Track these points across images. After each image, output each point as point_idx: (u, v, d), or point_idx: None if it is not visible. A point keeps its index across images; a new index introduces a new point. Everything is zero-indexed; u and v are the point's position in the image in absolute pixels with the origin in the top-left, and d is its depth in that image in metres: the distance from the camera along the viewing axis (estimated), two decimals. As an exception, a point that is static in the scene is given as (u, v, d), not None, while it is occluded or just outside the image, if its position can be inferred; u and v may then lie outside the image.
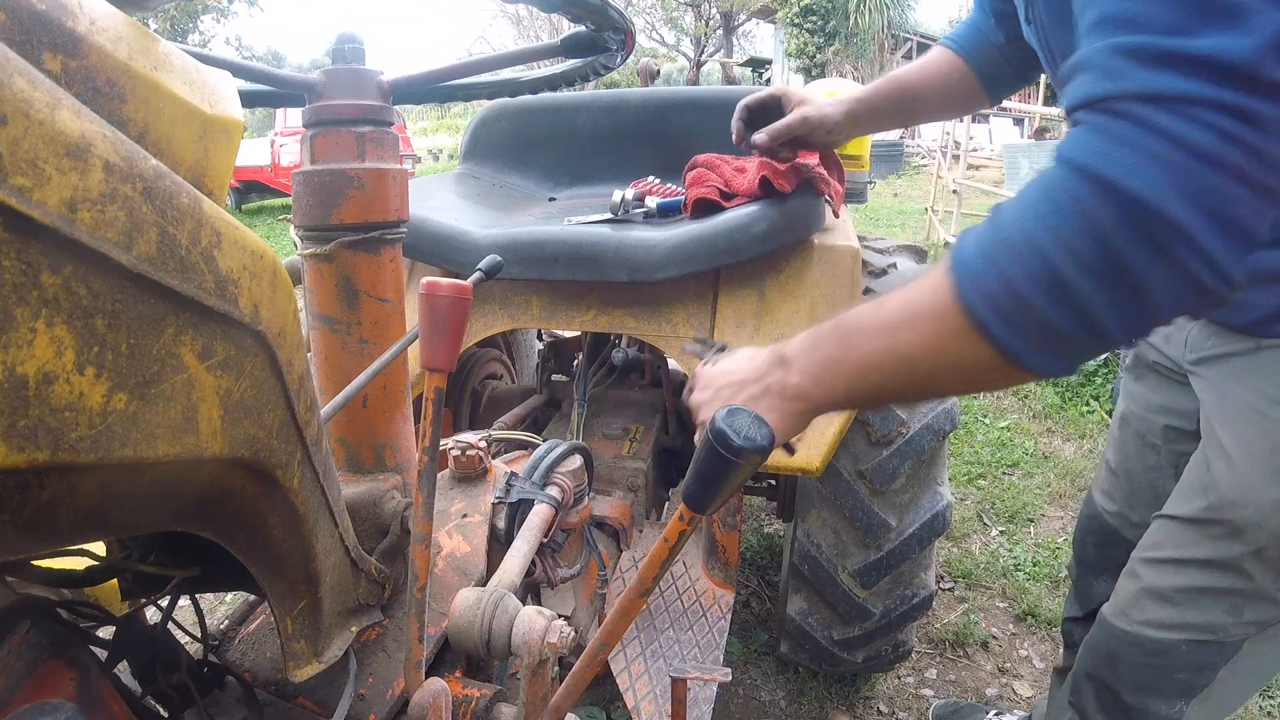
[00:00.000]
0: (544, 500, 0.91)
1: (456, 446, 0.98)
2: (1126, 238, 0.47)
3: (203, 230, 0.38)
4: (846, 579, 1.40)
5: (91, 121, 0.32)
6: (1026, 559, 2.30)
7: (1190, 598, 0.95)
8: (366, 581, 0.74)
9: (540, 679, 0.65)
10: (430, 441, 0.65)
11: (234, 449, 0.44)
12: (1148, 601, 1.00)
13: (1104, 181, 0.48)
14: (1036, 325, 0.51)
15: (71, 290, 0.31)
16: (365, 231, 0.80)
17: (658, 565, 0.56)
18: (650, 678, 1.38)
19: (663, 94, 1.82)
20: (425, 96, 1.01)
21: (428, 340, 0.64)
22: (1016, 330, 0.51)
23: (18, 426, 0.30)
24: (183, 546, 0.64)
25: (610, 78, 5.43)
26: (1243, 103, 0.46)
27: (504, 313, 1.39)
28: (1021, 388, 3.66)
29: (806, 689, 1.73)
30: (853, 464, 1.35)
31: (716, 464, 0.49)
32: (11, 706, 0.46)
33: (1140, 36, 0.49)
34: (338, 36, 0.82)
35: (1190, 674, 0.96)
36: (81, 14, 0.41)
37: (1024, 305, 0.50)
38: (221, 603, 1.94)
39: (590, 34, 0.90)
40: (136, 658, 0.66)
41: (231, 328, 0.42)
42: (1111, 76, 0.49)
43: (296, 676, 0.64)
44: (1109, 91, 0.49)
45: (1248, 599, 0.91)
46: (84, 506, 0.37)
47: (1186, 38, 0.47)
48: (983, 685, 1.81)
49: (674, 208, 1.44)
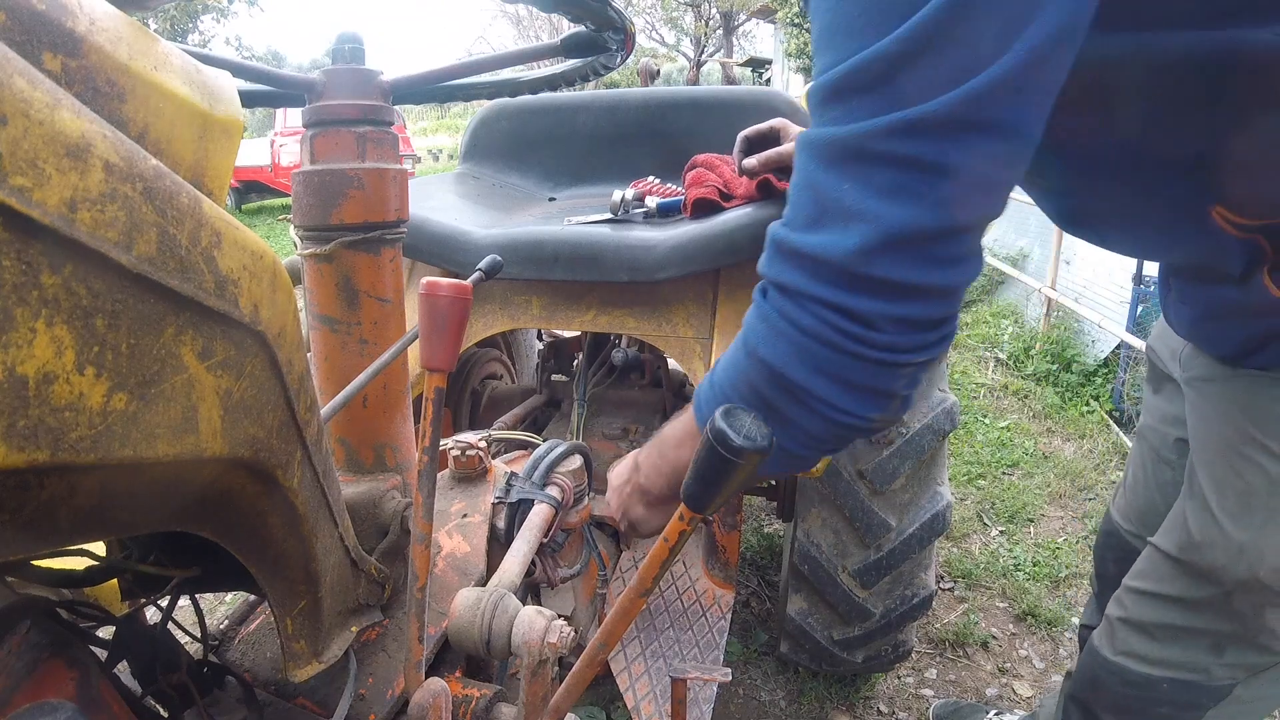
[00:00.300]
0: (544, 500, 0.91)
1: (456, 446, 0.98)
2: (773, 392, 0.60)
3: (203, 230, 0.38)
4: (846, 579, 1.39)
5: (91, 121, 0.32)
6: (1026, 559, 2.30)
7: (1170, 634, 0.92)
8: (366, 581, 0.74)
9: (540, 679, 0.65)
10: (430, 441, 0.65)
11: (234, 449, 0.44)
12: (1129, 633, 0.97)
13: (750, 348, 0.61)
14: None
15: (71, 290, 0.31)
16: (365, 231, 0.80)
17: (658, 565, 0.56)
18: (650, 678, 1.38)
19: (663, 94, 1.82)
20: (425, 96, 1.01)
21: (428, 340, 0.64)
22: None
23: (18, 426, 0.30)
24: (183, 546, 0.64)
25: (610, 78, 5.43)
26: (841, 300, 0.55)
27: (504, 313, 1.39)
28: (1021, 388, 3.67)
29: (806, 689, 1.73)
30: (853, 464, 1.35)
31: (716, 464, 0.49)
32: (11, 706, 0.46)
33: (782, 229, 0.59)
34: (338, 36, 0.82)
35: (1173, 710, 0.93)
36: (81, 14, 0.41)
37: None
38: (221, 603, 1.94)
39: (590, 34, 0.90)
40: (136, 658, 0.66)
41: (231, 328, 0.42)
42: (766, 261, 0.61)
43: (296, 676, 0.64)
44: (762, 273, 0.61)
45: (1229, 639, 0.87)
46: (84, 506, 0.37)
47: (805, 233, 0.57)
48: (983, 685, 1.81)
49: (674, 208, 1.44)
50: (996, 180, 0.54)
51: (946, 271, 0.55)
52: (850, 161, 0.53)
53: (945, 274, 0.55)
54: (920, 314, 0.57)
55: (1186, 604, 0.90)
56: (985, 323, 4.70)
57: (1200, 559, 0.86)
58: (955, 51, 0.48)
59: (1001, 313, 4.77)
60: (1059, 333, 3.93)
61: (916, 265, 0.54)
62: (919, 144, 0.50)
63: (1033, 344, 4.02)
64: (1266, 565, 0.80)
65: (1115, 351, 3.49)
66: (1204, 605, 0.88)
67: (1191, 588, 0.89)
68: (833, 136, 0.53)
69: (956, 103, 0.48)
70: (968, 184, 0.52)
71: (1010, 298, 4.94)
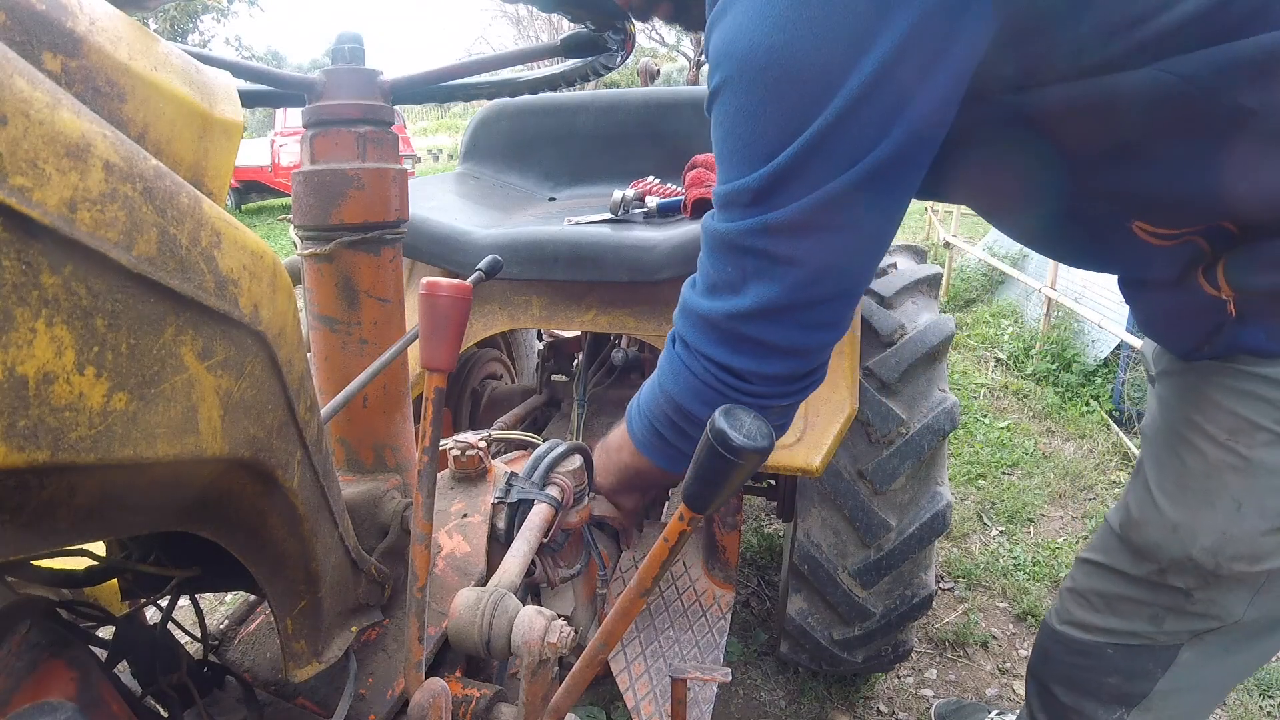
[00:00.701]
0: (544, 500, 0.91)
1: (456, 446, 0.98)
2: (678, 417, 0.80)
3: (203, 230, 0.38)
4: (846, 579, 1.39)
5: (91, 121, 0.32)
6: (1026, 559, 2.30)
7: (1110, 604, 0.95)
8: (366, 581, 0.74)
9: (540, 679, 0.65)
10: (430, 441, 0.65)
11: (234, 449, 0.44)
12: (1074, 602, 1.00)
13: (662, 382, 0.80)
14: (656, 449, 0.86)
15: (71, 290, 0.31)
16: (365, 231, 0.80)
17: (658, 565, 0.56)
18: (650, 678, 1.37)
19: (663, 94, 1.82)
20: (425, 96, 1.01)
21: (428, 340, 0.64)
22: (647, 449, 0.88)
23: (18, 426, 0.30)
24: (183, 546, 0.64)
25: (610, 78, 5.43)
26: (722, 358, 0.73)
27: (504, 313, 1.39)
28: (1021, 388, 3.67)
29: (806, 689, 1.73)
30: (853, 464, 1.35)
31: (716, 464, 0.49)
32: (11, 706, 0.46)
33: (689, 292, 0.77)
34: (338, 36, 0.82)
35: (1122, 679, 0.94)
36: (81, 14, 0.41)
37: (646, 438, 0.87)
38: (221, 603, 1.94)
39: (590, 34, 0.90)
40: (136, 658, 0.66)
41: (231, 328, 0.42)
42: (676, 315, 0.79)
43: (296, 676, 0.64)
44: (674, 320, 0.81)
45: (1167, 610, 0.89)
46: (84, 506, 0.37)
47: (701, 299, 0.75)
48: (983, 685, 1.81)
49: (674, 208, 1.44)
50: (838, 266, 0.69)
51: (805, 335, 0.71)
52: (730, 251, 0.71)
53: (804, 337, 0.71)
54: (782, 371, 0.73)
55: (1128, 578, 0.92)
56: (985, 323, 4.70)
57: (1138, 536, 0.89)
58: (800, 180, 0.64)
59: (1001, 313, 4.77)
60: (1059, 333, 3.93)
61: (778, 330, 0.70)
62: (772, 241, 0.67)
63: (1033, 344, 4.02)
64: (1199, 545, 0.82)
65: (1115, 351, 3.49)
66: (1142, 581, 0.90)
67: (1131, 564, 0.92)
68: (722, 231, 0.71)
69: (798, 211, 0.65)
70: (811, 270, 0.68)
71: (1010, 297, 4.94)
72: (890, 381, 1.34)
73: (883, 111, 0.61)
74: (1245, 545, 0.80)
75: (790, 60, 0.61)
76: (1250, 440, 0.78)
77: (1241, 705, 1.72)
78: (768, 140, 0.64)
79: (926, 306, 1.52)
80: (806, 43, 0.60)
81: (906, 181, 0.67)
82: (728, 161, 0.69)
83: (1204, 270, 0.77)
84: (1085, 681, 0.98)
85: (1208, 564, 0.82)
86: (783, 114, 0.63)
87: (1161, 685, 0.92)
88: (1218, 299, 0.77)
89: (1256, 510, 0.79)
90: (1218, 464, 0.81)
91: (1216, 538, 0.81)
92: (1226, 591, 0.84)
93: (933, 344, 1.38)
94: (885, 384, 1.35)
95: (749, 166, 0.66)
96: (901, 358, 1.35)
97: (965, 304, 5.22)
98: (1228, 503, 0.80)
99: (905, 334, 1.39)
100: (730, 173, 0.68)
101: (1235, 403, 0.79)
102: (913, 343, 1.37)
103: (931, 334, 1.39)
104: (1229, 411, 0.79)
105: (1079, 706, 0.99)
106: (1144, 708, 0.94)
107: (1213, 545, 0.81)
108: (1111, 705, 0.96)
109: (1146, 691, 0.93)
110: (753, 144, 0.65)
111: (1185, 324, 0.82)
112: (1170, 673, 0.91)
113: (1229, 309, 0.76)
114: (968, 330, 4.63)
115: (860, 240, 0.68)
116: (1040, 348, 3.92)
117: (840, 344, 1.26)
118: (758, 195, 0.66)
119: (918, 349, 1.36)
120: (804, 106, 0.62)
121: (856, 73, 0.60)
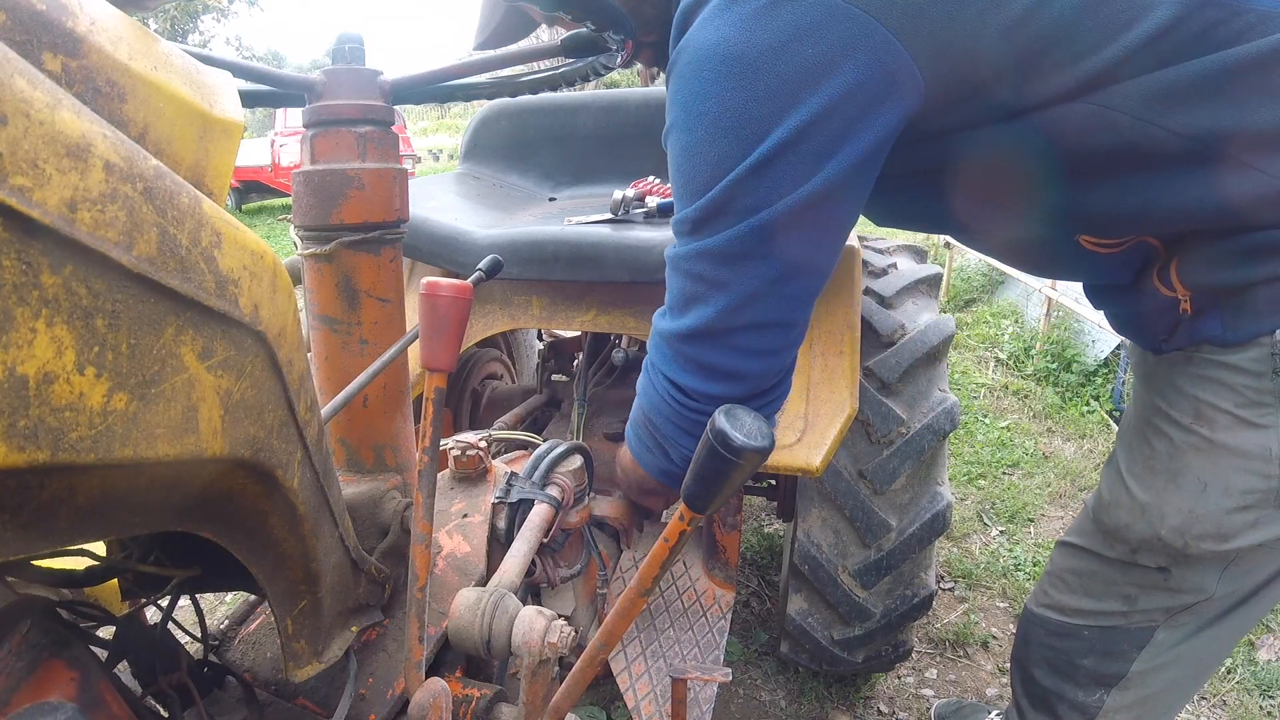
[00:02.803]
0: (544, 500, 0.91)
1: (457, 446, 0.98)
2: (650, 428, 0.86)
3: (203, 230, 0.38)
4: (847, 579, 1.39)
5: (92, 121, 0.32)
6: (1026, 559, 2.30)
7: (1084, 584, 0.97)
8: (367, 582, 0.74)
9: (540, 679, 0.65)
10: (430, 441, 0.66)
11: (234, 449, 0.44)
12: (1051, 584, 1.03)
13: (638, 393, 0.88)
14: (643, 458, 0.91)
15: (72, 290, 0.31)
16: (365, 231, 0.80)
17: (658, 565, 0.56)
18: (650, 678, 1.37)
19: (663, 94, 1.81)
20: (425, 96, 1.01)
21: (428, 340, 0.64)
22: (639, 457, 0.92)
23: (18, 426, 0.30)
24: (183, 546, 0.64)
25: (610, 78, 5.42)
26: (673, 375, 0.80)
27: (504, 313, 1.39)
28: (1021, 388, 3.67)
29: (806, 689, 1.73)
30: (853, 464, 1.35)
31: (717, 464, 0.49)
32: (12, 706, 0.46)
33: (655, 317, 0.84)
34: (338, 36, 0.82)
35: (1098, 660, 0.96)
36: (82, 14, 0.41)
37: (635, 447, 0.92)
38: (221, 603, 1.94)
39: (590, 34, 0.90)
40: (136, 658, 0.66)
41: (232, 328, 0.42)
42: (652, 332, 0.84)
43: (297, 676, 0.64)
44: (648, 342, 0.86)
45: (1141, 589, 0.92)
46: (84, 506, 0.37)
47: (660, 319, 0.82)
48: (983, 685, 1.81)
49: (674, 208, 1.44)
50: (762, 293, 0.74)
51: (739, 359, 0.77)
52: (677, 273, 0.78)
53: (738, 361, 0.77)
54: (722, 392, 0.78)
55: (1101, 559, 0.95)
56: (985, 323, 4.70)
57: (1109, 518, 0.92)
58: (729, 213, 0.71)
59: (1001, 312, 4.77)
60: (1059, 333, 3.92)
61: (714, 352, 0.77)
62: (707, 265, 0.74)
63: (1033, 344, 4.02)
64: (1167, 525, 0.85)
65: (1115, 351, 3.49)
66: (1115, 562, 0.93)
67: (1104, 545, 0.95)
68: (671, 255, 0.79)
69: (725, 240, 0.72)
70: (739, 295, 0.74)
71: (1010, 297, 4.94)
72: (890, 381, 1.34)
73: (805, 161, 0.68)
74: (1211, 524, 0.82)
75: (726, 111, 0.69)
76: (1213, 423, 0.81)
77: (1242, 705, 1.72)
78: (703, 177, 0.72)
79: (927, 306, 1.52)
80: (740, 96, 0.68)
81: (828, 222, 0.75)
82: (677, 193, 0.78)
83: (1158, 272, 0.82)
84: (1063, 664, 1.00)
85: (1176, 543, 0.84)
86: (716, 154, 0.71)
87: (1138, 665, 0.94)
88: (1172, 298, 0.81)
89: (1221, 489, 0.81)
90: (1183, 446, 0.84)
91: (1184, 517, 0.83)
92: (1196, 570, 0.86)
93: (933, 344, 1.38)
94: (886, 384, 1.35)
95: (690, 199, 0.74)
96: (902, 358, 1.35)
97: (965, 304, 5.21)
98: (1193, 483, 0.83)
99: (905, 334, 1.39)
100: (679, 203, 0.77)
101: (1198, 388, 0.82)
102: (913, 343, 1.37)
103: (932, 334, 1.39)
104: (1192, 397, 0.83)
105: (1059, 689, 1.00)
106: (1122, 687, 0.96)
107: (1180, 524, 0.84)
108: (1090, 687, 0.98)
109: (1124, 672, 0.95)
110: (693, 179, 0.73)
111: (1146, 322, 0.87)
112: (1146, 652, 0.93)
113: (1182, 307, 0.81)
114: (968, 330, 4.63)
115: (784, 270, 0.74)
116: (1040, 348, 3.92)
117: (840, 344, 1.26)
118: (695, 225, 0.74)
119: (918, 349, 1.36)
120: (735, 150, 0.69)
121: (782, 127, 0.67)
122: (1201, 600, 0.87)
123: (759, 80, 0.67)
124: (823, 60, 0.65)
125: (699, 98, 0.71)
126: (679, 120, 0.74)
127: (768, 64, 0.66)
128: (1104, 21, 0.67)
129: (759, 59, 0.67)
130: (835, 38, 0.65)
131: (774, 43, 0.66)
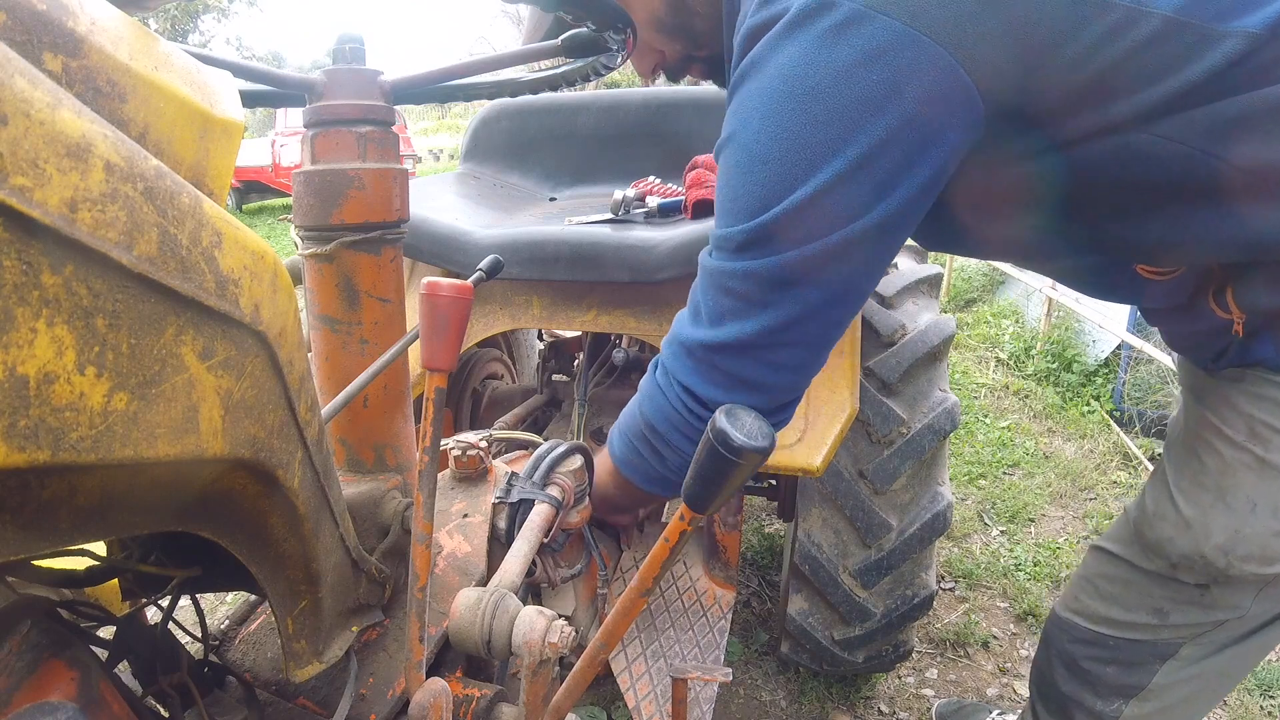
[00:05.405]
0: (545, 500, 0.91)
1: (457, 446, 0.97)
2: (650, 435, 0.86)
3: (203, 230, 0.38)
4: (847, 579, 1.39)
5: (92, 121, 0.32)
6: (1027, 559, 2.30)
7: (1115, 593, 0.96)
8: (367, 581, 0.74)
9: (541, 679, 0.65)
10: (431, 441, 0.65)
11: (234, 449, 0.44)
12: (1080, 589, 1.01)
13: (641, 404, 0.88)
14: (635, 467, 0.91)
15: (72, 290, 0.31)
16: (366, 231, 0.80)
17: (658, 565, 0.56)
18: (651, 678, 1.37)
19: (663, 94, 1.82)
20: (426, 96, 1.01)
21: (428, 340, 0.64)
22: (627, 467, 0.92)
23: (18, 426, 0.30)
24: (183, 546, 0.64)
25: (610, 78, 5.43)
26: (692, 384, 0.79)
27: (505, 313, 1.39)
28: (1022, 388, 3.67)
29: (807, 689, 1.73)
30: (853, 464, 1.35)
31: (717, 464, 0.49)
32: (12, 706, 0.46)
33: (679, 319, 0.84)
34: (338, 36, 0.82)
35: (1121, 669, 0.95)
36: (82, 14, 0.41)
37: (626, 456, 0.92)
38: (221, 603, 1.94)
39: (591, 34, 0.90)
40: (137, 658, 0.66)
41: (232, 328, 0.41)
42: (664, 343, 0.85)
43: (297, 676, 0.64)
44: (661, 348, 0.85)
45: (1175, 604, 0.90)
46: (84, 506, 0.37)
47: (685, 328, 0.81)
48: (983, 685, 1.81)
49: (675, 208, 1.44)
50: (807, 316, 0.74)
51: (771, 373, 0.77)
52: (717, 288, 0.77)
53: (770, 374, 0.77)
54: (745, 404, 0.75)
55: (1137, 570, 0.94)
56: (986, 322, 4.70)
57: (1151, 531, 0.91)
58: (782, 239, 0.70)
59: (1002, 312, 4.77)
60: (1060, 332, 3.92)
61: (747, 364, 0.76)
62: (753, 286, 0.74)
63: (1033, 344, 4.02)
64: (1211, 543, 0.84)
65: (1116, 352, 3.49)
66: (1151, 575, 0.92)
67: (1142, 557, 0.93)
68: (712, 268, 0.77)
69: (776, 265, 0.71)
70: (783, 317, 0.74)
71: (1011, 297, 4.93)
72: (891, 381, 1.34)
73: (863, 193, 0.67)
74: (1257, 545, 0.81)
75: (785, 133, 0.68)
76: (1267, 443, 0.80)
77: (1242, 705, 1.72)
78: (755, 198, 0.71)
79: (927, 306, 1.52)
80: (801, 120, 0.67)
81: (881, 251, 0.74)
82: (724, 208, 0.76)
83: (1214, 293, 0.81)
84: (1084, 671, 0.99)
85: (1219, 562, 0.83)
86: (771, 177, 0.69)
87: (1160, 679, 0.93)
88: (1226, 320, 0.80)
89: (1270, 510, 0.80)
90: (1234, 463, 0.82)
91: (1229, 536, 0.82)
92: (1235, 590, 0.85)
93: (933, 344, 1.37)
94: (886, 384, 1.35)
95: (740, 218, 0.73)
96: (902, 358, 1.35)
97: (966, 304, 5.21)
98: (1242, 502, 0.82)
99: (906, 334, 1.39)
100: (724, 219, 0.75)
101: (1253, 407, 0.81)
102: (913, 343, 1.37)
103: (932, 334, 1.39)
104: (1246, 415, 0.82)
105: (1078, 697, 1.00)
106: (1142, 699, 0.95)
107: (1225, 543, 0.82)
108: (1109, 696, 0.97)
109: (1145, 684, 0.94)
110: (744, 197, 0.72)
111: (1201, 340, 0.86)
112: (1169, 665, 0.92)
113: (1235, 329, 0.80)
114: (968, 330, 4.63)
115: (831, 296, 0.74)
116: (1041, 348, 3.92)
117: (841, 344, 1.26)
118: (742, 245, 0.73)
119: (918, 349, 1.36)
120: (791, 175, 0.68)
121: (841, 156, 0.66)
122: (1234, 618, 0.87)
123: (820, 104, 0.66)
124: (886, 87, 0.64)
125: (758, 115, 0.69)
126: (735, 135, 0.73)
127: (830, 88, 0.65)
128: (1170, 53, 0.65)
129: (821, 83, 0.65)
130: (901, 64, 0.63)
131: (839, 67, 0.64)
